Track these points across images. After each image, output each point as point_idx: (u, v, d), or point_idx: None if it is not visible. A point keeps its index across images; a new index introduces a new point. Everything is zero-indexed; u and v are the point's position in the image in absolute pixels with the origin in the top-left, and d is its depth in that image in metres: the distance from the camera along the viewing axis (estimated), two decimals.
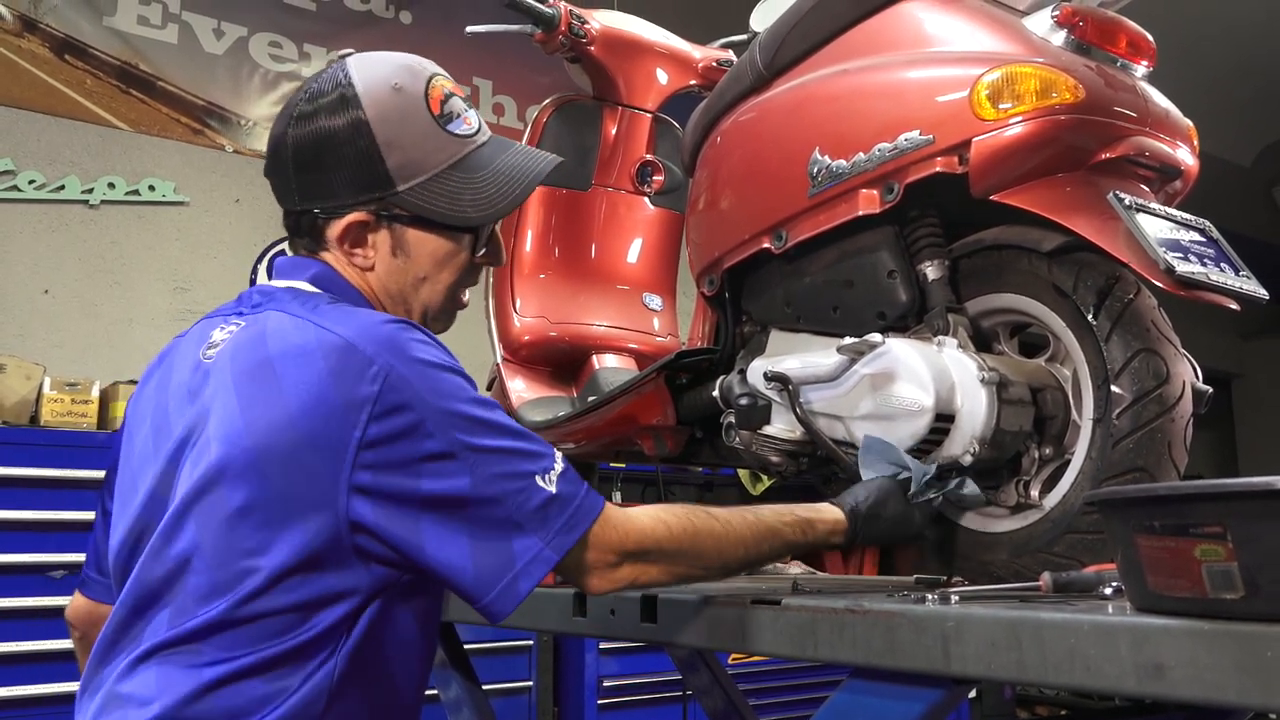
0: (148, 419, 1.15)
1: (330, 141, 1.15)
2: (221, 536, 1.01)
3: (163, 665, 1.00)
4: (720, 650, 2.24)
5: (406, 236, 1.20)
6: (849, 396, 1.41)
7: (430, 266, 1.22)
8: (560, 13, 2.10)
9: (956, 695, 1.06)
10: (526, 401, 2.12)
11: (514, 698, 3.64)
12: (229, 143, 4.44)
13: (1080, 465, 1.32)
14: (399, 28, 4.97)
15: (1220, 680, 0.77)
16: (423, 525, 1.02)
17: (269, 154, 1.22)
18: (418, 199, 1.18)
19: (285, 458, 1.00)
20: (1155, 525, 0.83)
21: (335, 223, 1.18)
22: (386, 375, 1.01)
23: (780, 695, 3.82)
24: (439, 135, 1.19)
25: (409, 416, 1.01)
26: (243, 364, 1.06)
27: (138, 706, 0.99)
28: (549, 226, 2.22)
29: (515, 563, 1.02)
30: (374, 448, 1.00)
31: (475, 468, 1.02)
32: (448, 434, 1.02)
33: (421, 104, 1.19)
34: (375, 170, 1.15)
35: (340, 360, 1.02)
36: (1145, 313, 1.28)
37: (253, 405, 1.03)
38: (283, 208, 1.23)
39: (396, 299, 1.22)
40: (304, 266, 1.20)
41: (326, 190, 1.17)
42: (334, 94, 1.16)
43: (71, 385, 3.36)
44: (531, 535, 1.03)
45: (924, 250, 1.46)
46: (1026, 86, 1.28)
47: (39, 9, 4.07)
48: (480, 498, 1.02)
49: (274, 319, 1.10)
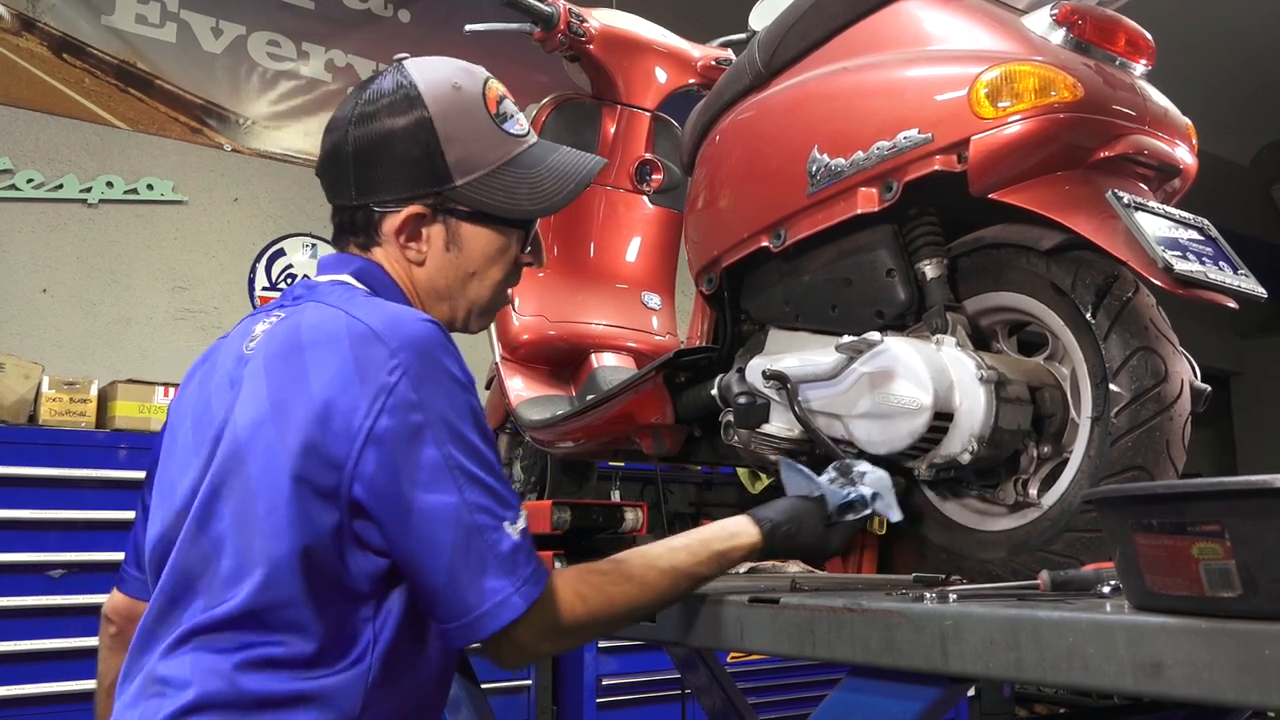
0: (189, 415, 1.17)
1: (392, 137, 1.20)
2: (243, 514, 1.04)
3: (198, 650, 1.03)
4: (719, 649, 2.24)
5: (461, 231, 1.24)
6: (847, 395, 1.41)
7: (481, 262, 1.26)
8: (559, 11, 2.10)
9: (955, 694, 1.06)
10: (525, 400, 2.12)
11: (513, 696, 3.65)
12: (227, 141, 4.44)
13: (1078, 463, 1.32)
14: (398, 26, 4.97)
15: (1218, 678, 0.77)
16: (411, 522, 1.03)
17: (326, 154, 1.25)
18: (475, 193, 1.23)
19: (301, 439, 1.03)
20: (1153, 524, 0.83)
21: (392, 217, 1.22)
22: (406, 370, 1.04)
23: (779, 694, 3.83)
24: (495, 133, 1.24)
25: (417, 417, 1.03)
26: (275, 350, 1.10)
27: (176, 690, 1.01)
28: (548, 225, 2.21)
29: (484, 601, 1.03)
30: (380, 443, 1.02)
31: (462, 490, 1.03)
32: (445, 447, 1.04)
33: (479, 103, 1.24)
34: (435, 165, 1.20)
35: (364, 348, 1.05)
36: (1144, 311, 1.28)
37: (279, 387, 1.06)
38: (335, 204, 1.27)
39: (443, 294, 1.26)
40: (348, 262, 1.23)
41: (386, 185, 1.21)
42: (396, 93, 1.21)
43: (70, 384, 3.36)
44: (502, 578, 1.03)
45: (922, 249, 1.46)
46: (1025, 85, 1.28)
47: (37, 8, 4.07)
48: (462, 522, 1.03)
49: (311, 310, 1.13)
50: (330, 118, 1.26)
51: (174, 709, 1.01)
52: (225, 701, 1.00)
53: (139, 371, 3.82)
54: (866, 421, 1.38)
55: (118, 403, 3.37)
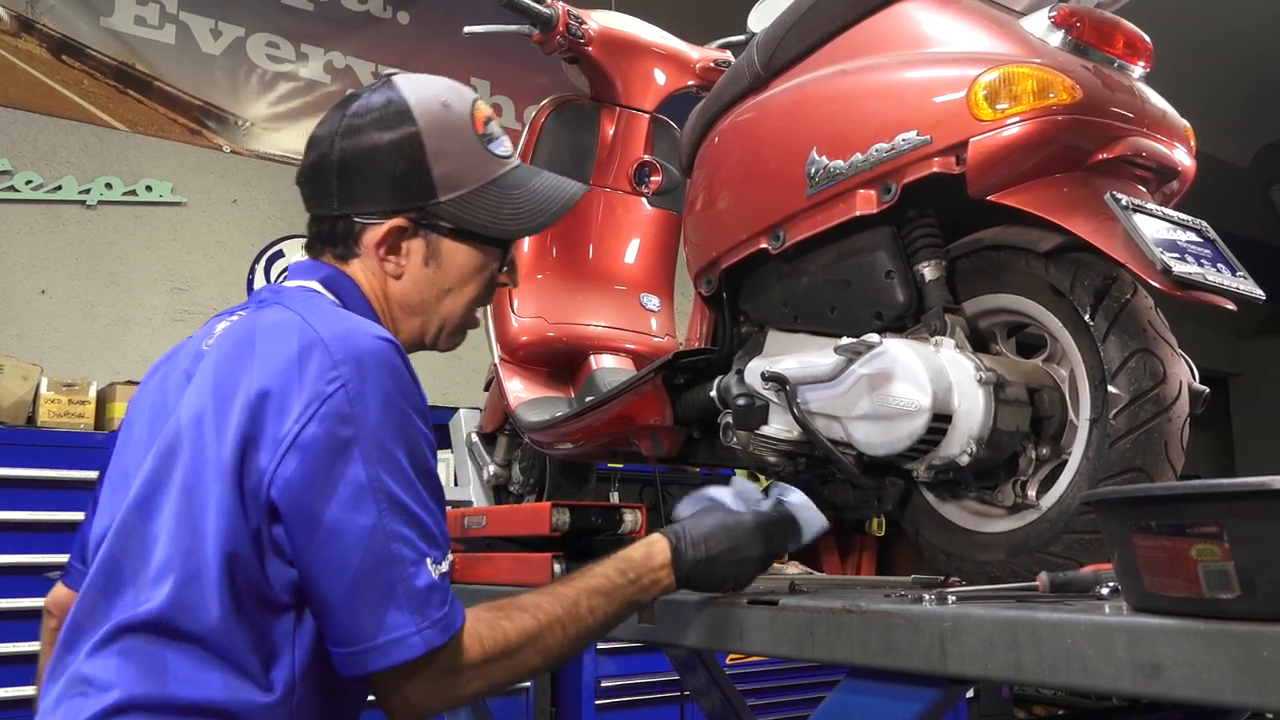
0: (146, 410, 1.17)
1: (379, 150, 1.20)
2: (180, 512, 1.03)
3: (123, 649, 1.01)
4: (718, 650, 2.24)
5: (442, 247, 1.25)
6: (846, 397, 1.41)
7: (457, 278, 1.27)
8: (558, 13, 2.10)
9: (954, 695, 1.06)
10: (524, 402, 2.12)
11: (511, 698, 3.64)
12: (226, 143, 4.44)
13: (1077, 465, 1.32)
14: (397, 28, 4.97)
15: (1217, 680, 0.77)
16: (318, 536, 1.01)
17: (310, 164, 1.25)
18: (459, 210, 1.24)
19: (235, 436, 1.02)
20: (1152, 525, 0.83)
21: (374, 229, 1.22)
22: (345, 383, 1.03)
23: (778, 695, 3.82)
24: (481, 152, 1.26)
25: (346, 432, 1.01)
26: (228, 347, 1.10)
27: (98, 692, 0.99)
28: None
29: (380, 634, 1.00)
30: (304, 448, 1.01)
31: (383, 515, 1.00)
32: (373, 468, 1.01)
33: (467, 121, 1.26)
34: (421, 179, 1.21)
35: (310, 355, 1.04)
36: (1142, 313, 1.28)
37: (222, 383, 1.06)
38: (314, 213, 1.26)
39: (417, 310, 1.26)
40: (318, 269, 1.23)
41: (370, 197, 1.21)
42: (386, 108, 1.22)
43: (69, 386, 3.35)
44: (407, 614, 1.00)
45: (921, 250, 1.46)
46: (1024, 87, 1.28)
47: (36, 9, 4.07)
48: (374, 548, 1.00)
49: (271, 312, 1.13)
50: (313, 132, 1.26)
51: (97, 710, 0.98)
52: (150, 705, 0.98)
53: (138, 373, 3.80)
54: (865, 423, 1.38)
55: (116, 404, 3.37)
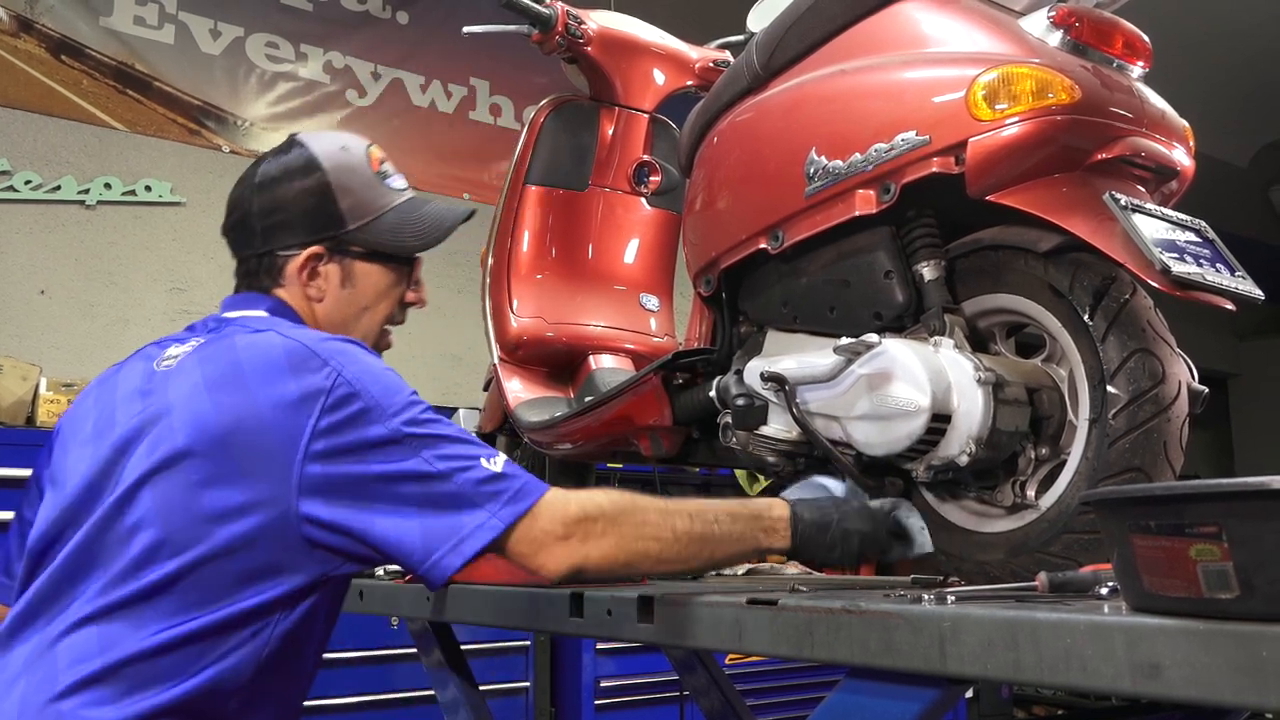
0: (89, 423, 1.27)
1: (292, 191, 1.38)
2: (179, 504, 1.14)
3: (105, 627, 1.10)
4: (717, 650, 2.24)
5: (354, 269, 1.42)
6: (845, 397, 1.41)
7: (372, 296, 1.44)
8: (557, 13, 2.10)
9: (953, 695, 1.06)
10: (523, 402, 2.12)
11: (511, 698, 3.64)
12: (226, 143, 4.44)
13: (1076, 465, 1.32)
14: (396, 28, 4.96)
15: (1216, 680, 0.77)
16: (374, 505, 1.14)
17: (233, 218, 1.42)
18: (365, 234, 1.41)
19: (249, 440, 1.15)
20: (1151, 525, 0.83)
21: (295, 259, 1.38)
22: (339, 373, 1.18)
23: (777, 695, 3.82)
24: (379, 186, 1.44)
25: (357, 405, 1.16)
26: (213, 366, 1.22)
27: (75, 665, 1.08)
28: (546, 227, 2.22)
29: (462, 530, 1.14)
30: (325, 435, 1.14)
31: (420, 450, 1.15)
32: (391, 423, 1.16)
33: (364, 161, 1.44)
34: (330, 211, 1.39)
35: (299, 360, 1.19)
36: (1141, 313, 1.28)
37: (222, 399, 1.18)
38: (240, 256, 1.42)
39: (339, 328, 1.40)
40: (259, 300, 1.38)
41: (289, 232, 1.38)
42: (293, 159, 1.40)
43: (68, 386, 3.35)
44: (479, 508, 1.14)
45: (920, 250, 1.46)
46: (1022, 87, 1.28)
47: (35, 9, 4.06)
48: (427, 474, 1.15)
49: (240, 336, 1.26)
50: (229, 196, 1.43)
51: (73, 680, 1.07)
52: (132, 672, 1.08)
53: None
54: (864, 423, 1.38)
55: None
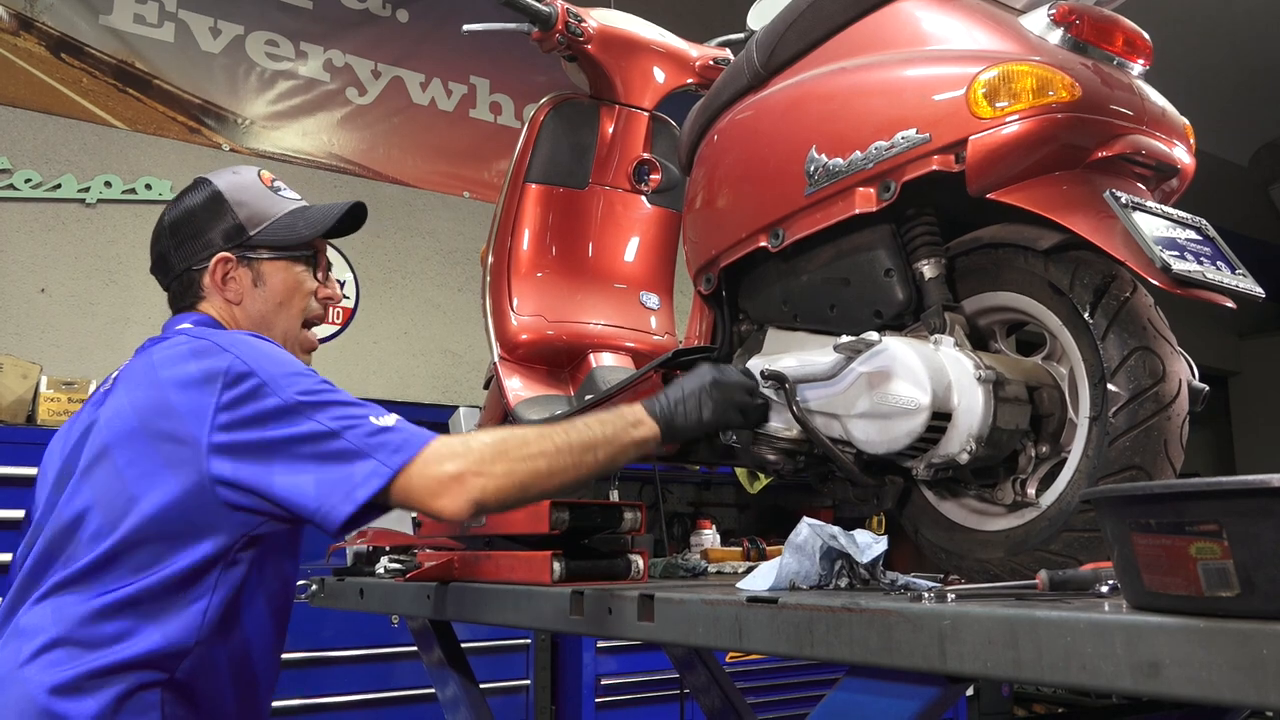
0: (57, 457, 1.44)
1: (195, 213, 1.57)
2: (112, 488, 1.30)
3: (57, 600, 1.28)
4: (717, 649, 2.25)
5: (262, 269, 1.57)
6: (846, 395, 1.41)
7: (284, 292, 1.59)
8: (557, 11, 2.10)
9: (953, 693, 1.06)
10: (524, 400, 2.12)
11: (511, 696, 3.65)
12: (226, 141, 4.44)
13: (1077, 463, 1.32)
14: (395, 26, 4.96)
15: (1216, 678, 0.77)
16: (273, 466, 1.28)
17: (152, 257, 1.61)
18: (265, 236, 1.57)
19: (160, 424, 1.30)
20: (1151, 523, 0.83)
21: (207, 269, 1.55)
22: (236, 356, 1.33)
23: (777, 693, 3.82)
24: (272, 196, 1.62)
25: (253, 381, 1.30)
26: (133, 375, 1.39)
27: (34, 635, 1.26)
28: (546, 225, 2.22)
29: (353, 479, 1.26)
30: (228, 409, 1.29)
31: (314, 414, 1.29)
32: (285, 393, 1.30)
33: (256, 178, 1.63)
34: (231, 222, 1.56)
35: (202, 351, 1.35)
36: (1142, 311, 1.28)
37: (137, 395, 1.34)
38: (165, 281, 1.61)
39: (259, 327, 1.55)
40: (185, 318, 1.55)
41: (199, 247, 1.56)
42: (194, 191, 1.59)
43: (68, 384, 3.35)
44: (369, 458, 1.27)
45: (921, 249, 1.46)
46: (1023, 85, 1.28)
47: (35, 7, 4.06)
48: (319, 433, 1.28)
49: (158, 346, 1.42)
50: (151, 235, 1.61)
51: (34, 648, 1.23)
52: (80, 638, 1.24)
53: None
54: (865, 421, 1.38)
55: None
